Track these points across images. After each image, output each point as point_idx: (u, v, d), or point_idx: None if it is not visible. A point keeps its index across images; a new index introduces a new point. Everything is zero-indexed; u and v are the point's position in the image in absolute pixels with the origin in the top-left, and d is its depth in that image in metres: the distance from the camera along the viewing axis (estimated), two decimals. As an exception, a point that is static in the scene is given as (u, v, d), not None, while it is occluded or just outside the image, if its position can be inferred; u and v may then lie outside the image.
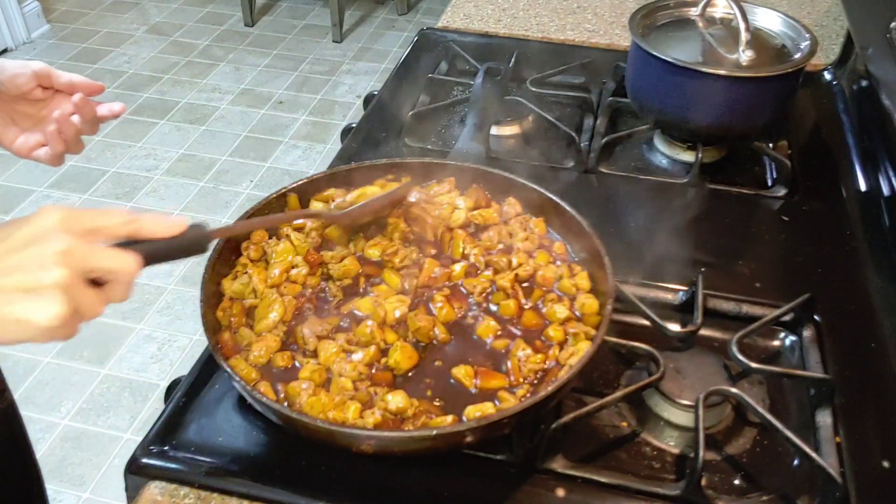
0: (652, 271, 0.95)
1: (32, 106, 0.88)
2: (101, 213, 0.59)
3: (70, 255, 0.55)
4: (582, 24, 1.52)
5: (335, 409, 0.70)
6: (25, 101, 0.87)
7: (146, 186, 2.89)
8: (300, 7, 4.20)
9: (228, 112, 3.32)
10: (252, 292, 0.81)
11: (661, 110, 1.12)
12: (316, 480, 0.72)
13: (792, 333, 0.89)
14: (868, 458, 0.74)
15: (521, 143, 1.23)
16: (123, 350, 2.25)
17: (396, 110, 1.27)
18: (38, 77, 0.85)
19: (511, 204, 0.92)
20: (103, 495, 1.88)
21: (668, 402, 0.78)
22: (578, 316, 0.80)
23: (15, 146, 0.87)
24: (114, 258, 0.58)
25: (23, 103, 0.87)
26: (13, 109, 0.87)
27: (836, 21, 1.54)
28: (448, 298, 0.81)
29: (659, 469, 0.75)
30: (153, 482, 0.73)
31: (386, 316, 0.78)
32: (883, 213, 1.04)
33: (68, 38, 3.83)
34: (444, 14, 1.57)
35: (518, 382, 0.74)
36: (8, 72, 0.84)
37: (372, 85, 3.52)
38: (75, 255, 0.55)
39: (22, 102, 0.87)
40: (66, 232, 0.56)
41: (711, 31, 1.14)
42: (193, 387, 0.81)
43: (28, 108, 0.88)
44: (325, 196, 0.92)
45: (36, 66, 0.85)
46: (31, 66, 0.85)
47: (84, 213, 0.58)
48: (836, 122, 1.25)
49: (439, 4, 4.03)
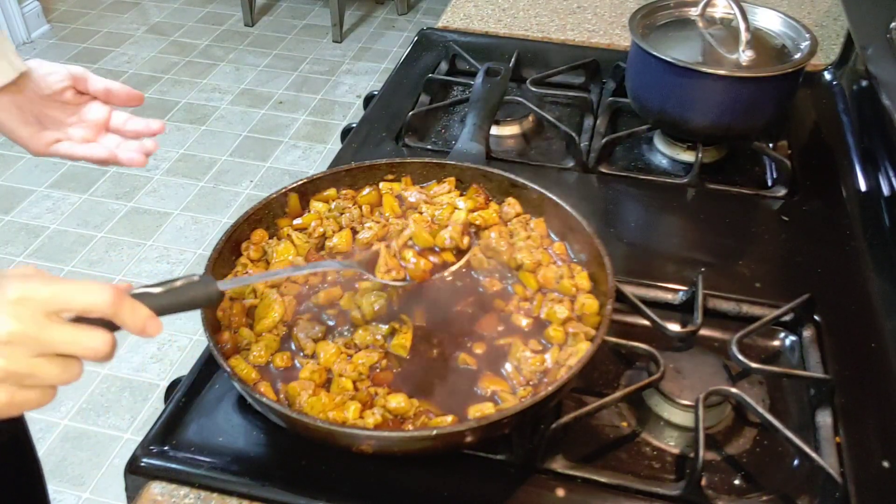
0: (652, 271, 0.96)
1: (62, 110, 0.84)
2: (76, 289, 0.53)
3: (12, 344, 0.50)
4: (582, 24, 1.52)
5: (335, 410, 0.70)
6: (55, 104, 0.83)
7: (146, 186, 2.89)
8: (300, 7, 4.19)
9: (228, 112, 3.32)
10: (252, 292, 0.81)
11: (661, 110, 1.12)
12: (316, 480, 0.72)
13: (792, 333, 0.89)
14: (868, 458, 0.74)
15: (521, 143, 1.23)
16: (123, 350, 2.25)
17: (396, 110, 1.27)
18: (73, 78, 0.82)
19: (511, 204, 0.92)
20: (103, 495, 1.88)
21: (668, 402, 0.78)
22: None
23: (32, 142, 0.83)
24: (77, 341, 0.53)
25: (52, 105, 0.83)
26: (41, 110, 0.83)
27: (836, 21, 1.54)
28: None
29: (659, 469, 0.75)
30: (153, 482, 0.73)
31: (363, 310, 0.79)
32: (883, 213, 1.04)
33: (68, 38, 3.83)
34: (444, 14, 1.57)
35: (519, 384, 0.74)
36: (43, 68, 0.81)
37: (372, 85, 3.52)
38: (22, 343, 0.51)
39: (51, 104, 0.83)
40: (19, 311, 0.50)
41: (711, 31, 1.14)
42: (193, 387, 0.81)
43: (57, 112, 0.84)
44: (325, 196, 0.92)
45: (74, 69, 0.82)
46: (69, 68, 0.82)
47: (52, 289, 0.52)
48: (836, 122, 1.25)
49: (439, 4, 4.03)
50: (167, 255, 2.59)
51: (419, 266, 0.80)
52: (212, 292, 0.63)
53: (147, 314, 0.58)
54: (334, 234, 0.87)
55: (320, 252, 0.87)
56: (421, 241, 0.84)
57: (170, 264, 2.55)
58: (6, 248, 2.61)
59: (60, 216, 2.74)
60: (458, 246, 0.84)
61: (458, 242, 0.84)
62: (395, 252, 0.82)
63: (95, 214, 2.75)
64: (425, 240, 0.84)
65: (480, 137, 1.04)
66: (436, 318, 0.81)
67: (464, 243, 0.84)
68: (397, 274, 0.79)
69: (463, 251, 0.84)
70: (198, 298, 0.63)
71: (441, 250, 0.84)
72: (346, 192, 0.93)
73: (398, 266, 0.80)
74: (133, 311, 0.57)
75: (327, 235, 0.88)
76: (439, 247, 0.84)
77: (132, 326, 0.57)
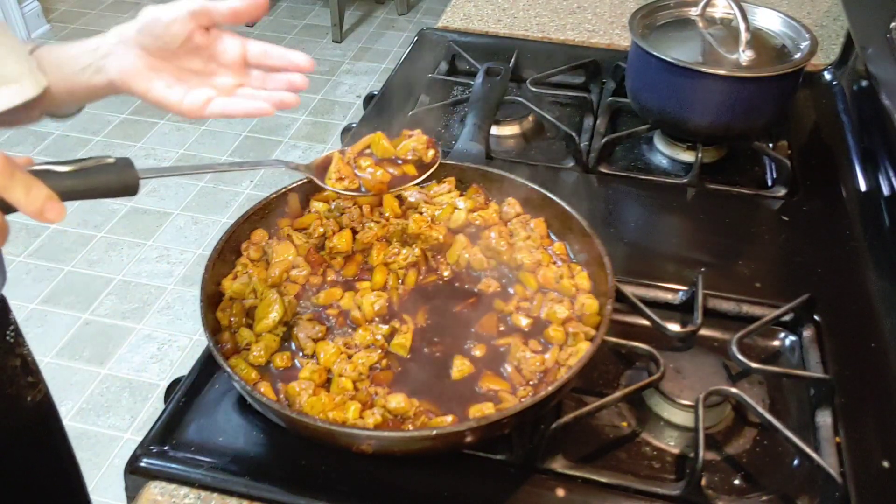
0: (652, 271, 0.96)
1: (198, 57, 0.74)
2: None
3: None
4: (582, 24, 1.52)
5: (335, 410, 0.70)
6: (188, 54, 0.73)
7: (146, 186, 2.88)
8: (300, 7, 4.19)
9: (228, 112, 3.32)
10: (252, 292, 0.81)
11: (661, 110, 1.12)
12: (316, 480, 0.72)
13: (792, 333, 0.89)
14: (868, 458, 0.74)
15: (521, 143, 1.23)
16: (123, 350, 2.25)
17: (396, 110, 1.27)
18: (194, 17, 0.71)
19: (511, 204, 0.92)
20: (103, 495, 1.88)
21: (668, 402, 0.78)
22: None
23: (184, 106, 0.73)
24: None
25: (186, 57, 0.73)
26: (178, 67, 0.74)
27: (836, 21, 1.54)
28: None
29: (659, 469, 0.75)
30: (153, 482, 0.73)
31: (364, 310, 0.79)
32: (883, 213, 1.04)
33: (68, 38, 3.83)
34: (444, 14, 1.57)
35: (519, 384, 0.74)
36: (162, 20, 0.71)
37: (372, 85, 3.52)
38: None
39: (185, 56, 0.73)
40: None
41: (711, 31, 1.14)
42: (193, 387, 0.81)
43: (194, 62, 0.74)
44: (325, 196, 0.92)
45: (190, 5, 0.70)
46: (185, 6, 0.70)
47: None
48: (836, 122, 1.25)
49: (439, 4, 4.03)
50: (167, 255, 2.59)
51: (375, 177, 0.72)
52: (128, 178, 0.54)
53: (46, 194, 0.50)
54: (334, 234, 0.87)
55: (320, 252, 0.87)
56: (380, 151, 0.75)
57: (170, 264, 2.55)
58: (6, 248, 2.57)
59: (60, 216, 2.74)
60: (422, 159, 0.75)
61: (421, 155, 0.75)
62: (350, 159, 0.73)
63: (95, 214, 2.75)
64: (384, 149, 0.75)
65: (480, 137, 1.04)
66: (436, 318, 0.81)
67: (428, 156, 0.76)
68: (350, 183, 0.71)
69: (426, 165, 0.75)
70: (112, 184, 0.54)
71: (402, 162, 0.75)
72: (346, 192, 0.93)
73: (352, 174, 0.72)
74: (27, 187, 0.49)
75: (327, 235, 0.88)
76: (400, 158, 0.75)
77: (26, 206, 0.49)
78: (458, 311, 0.81)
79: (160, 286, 2.46)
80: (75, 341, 2.28)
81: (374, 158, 0.75)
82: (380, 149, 0.75)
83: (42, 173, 0.50)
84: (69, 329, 2.31)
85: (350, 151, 0.74)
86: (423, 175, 0.74)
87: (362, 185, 0.72)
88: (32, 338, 1.07)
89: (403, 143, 0.75)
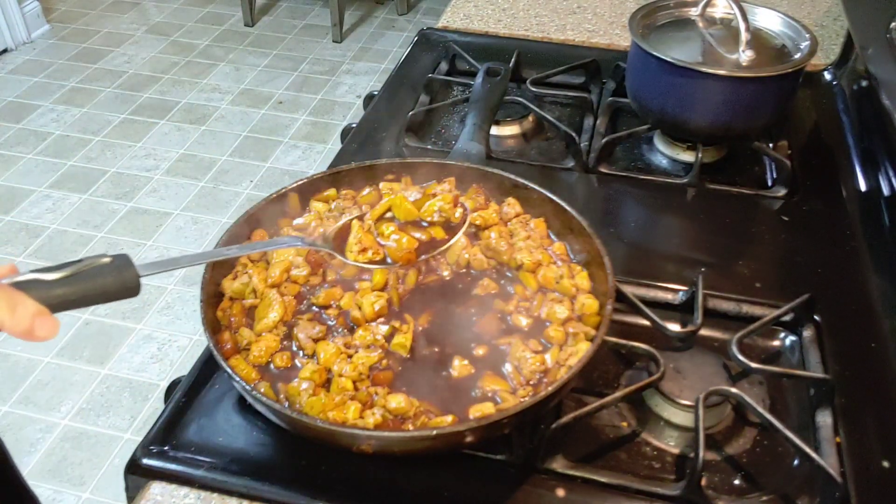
0: (652, 271, 0.96)
1: None
2: None
3: None
4: (582, 24, 1.52)
5: (335, 410, 0.70)
6: None
7: (146, 186, 2.89)
8: (300, 7, 4.19)
9: (228, 112, 3.32)
10: (252, 292, 0.81)
11: (661, 110, 1.12)
12: (316, 480, 0.72)
13: (792, 333, 0.89)
14: (868, 458, 0.74)
15: (521, 143, 1.23)
16: (123, 350, 2.25)
17: (396, 110, 1.27)
18: None
19: (511, 204, 0.92)
20: (103, 495, 1.88)
21: (668, 402, 0.78)
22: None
23: None
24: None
25: None
26: None
27: (836, 21, 1.54)
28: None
29: (659, 469, 0.75)
30: (153, 482, 0.73)
31: (364, 310, 0.79)
32: (883, 213, 1.04)
33: (68, 38, 3.83)
34: (444, 14, 1.57)
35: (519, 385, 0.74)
36: None
37: (372, 85, 3.52)
38: None
39: None
40: None
41: (711, 31, 1.14)
42: (193, 387, 0.81)
43: None
44: (324, 196, 0.92)
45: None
46: None
47: None
48: (836, 122, 1.25)
49: (439, 4, 4.03)
50: (167, 256, 2.59)
51: (402, 245, 0.65)
52: (128, 279, 0.49)
53: (33, 311, 0.43)
54: (334, 234, 0.87)
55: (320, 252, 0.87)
56: (402, 213, 0.67)
57: (170, 264, 2.55)
58: (6, 248, 2.61)
59: (60, 216, 2.74)
60: (450, 219, 0.69)
61: (448, 216, 0.69)
62: (370, 226, 0.66)
63: (95, 214, 2.75)
64: (407, 211, 0.67)
65: (480, 137, 1.04)
66: (436, 318, 0.81)
67: (455, 217, 0.70)
68: (374, 254, 0.65)
69: (455, 226, 0.68)
70: (110, 288, 0.48)
71: (428, 224, 0.69)
72: (346, 192, 0.93)
73: (375, 244, 0.65)
74: (12, 306, 0.42)
75: (327, 235, 0.87)
76: (425, 220, 0.68)
77: (13, 328, 0.42)
78: (458, 311, 0.81)
79: (160, 286, 2.46)
80: (75, 341, 2.28)
81: (397, 223, 0.67)
82: (402, 211, 0.67)
83: (28, 284, 0.44)
84: (69, 329, 2.31)
85: (369, 217, 0.66)
86: (454, 238, 0.67)
87: (387, 254, 0.65)
88: (32, 338, 1.06)
89: (428, 203, 0.67)
